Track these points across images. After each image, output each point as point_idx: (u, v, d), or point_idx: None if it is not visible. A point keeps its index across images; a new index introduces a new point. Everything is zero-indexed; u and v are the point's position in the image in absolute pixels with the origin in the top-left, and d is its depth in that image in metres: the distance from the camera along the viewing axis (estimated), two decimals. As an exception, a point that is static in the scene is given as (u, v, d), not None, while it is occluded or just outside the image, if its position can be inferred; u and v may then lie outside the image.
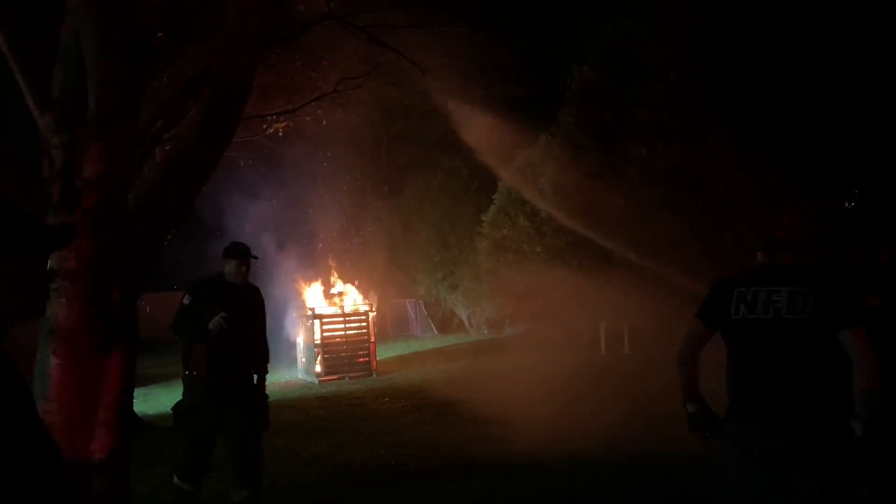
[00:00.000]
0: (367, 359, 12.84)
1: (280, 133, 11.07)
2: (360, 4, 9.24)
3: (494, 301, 16.78)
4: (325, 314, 13.01)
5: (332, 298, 14.23)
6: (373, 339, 13.00)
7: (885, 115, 8.28)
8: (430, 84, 12.20)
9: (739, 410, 3.12)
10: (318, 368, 12.43)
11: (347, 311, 13.30)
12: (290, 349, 13.44)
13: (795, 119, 8.70)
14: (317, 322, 12.66)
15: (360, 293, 14.72)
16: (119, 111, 3.64)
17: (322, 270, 15.72)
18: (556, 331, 12.56)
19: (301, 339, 13.30)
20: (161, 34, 4.86)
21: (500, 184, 15.87)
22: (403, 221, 20.40)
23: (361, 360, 12.79)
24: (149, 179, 4.14)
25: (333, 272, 15.36)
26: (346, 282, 15.01)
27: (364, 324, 13.02)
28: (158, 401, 10.95)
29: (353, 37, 9.47)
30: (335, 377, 12.34)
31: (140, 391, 10.49)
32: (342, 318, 13.03)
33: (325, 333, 12.64)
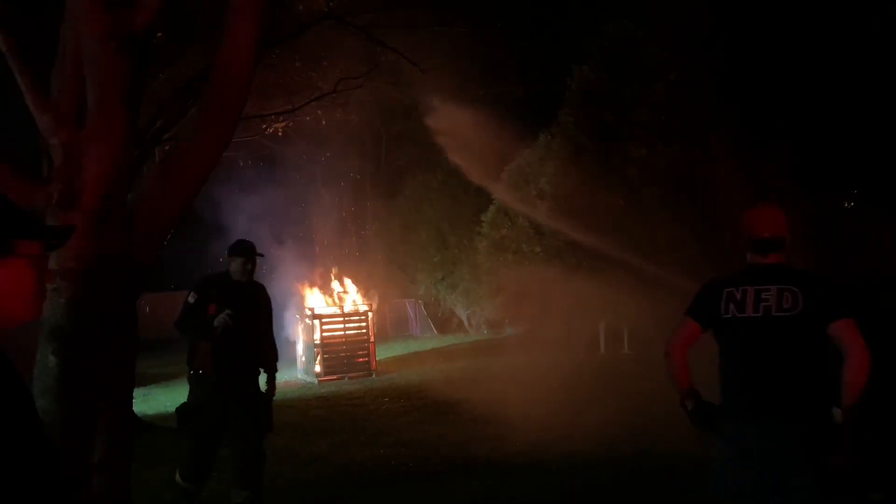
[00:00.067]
0: (367, 359, 12.83)
1: (280, 133, 11.07)
2: (360, 4, 9.24)
3: (494, 301, 16.75)
4: (325, 314, 13.00)
5: (332, 298, 14.22)
6: (372, 339, 13.00)
7: (885, 115, 8.27)
8: (419, 86, 12.16)
9: (733, 409, 3.14)
10: (318, 368, 12.43)
11: (347, 311, 13.30)
12: (290, 349, 13.43)
13: (795, 119, 8.69)
14: (316, 322, 12.66)
15: (360, 292, 14.70)
16: (118, 111, 3.63)
17: (322, 270, 15.71)
18: (556, 331, 12.54)
19: (300, 339, 13.29)
20: (161, 34, 4.86)
21: (500, 184, 15.83)
22: (403, 221, 20.38)
23: (361, 360, 12.78)
24: (148, 179, 4.13)
25: (333, 272, 15.35)
26: (346, 281, 14.99)
27: (364, 324, 13.01)
28: (158, 401, 10.95)
29: (353, 37, 9.46)
30: (334, 377, 12.33)
31: (140, 391, 10.48)
32: (342, 318, 13.03)
33: (325, 333, 12.63)
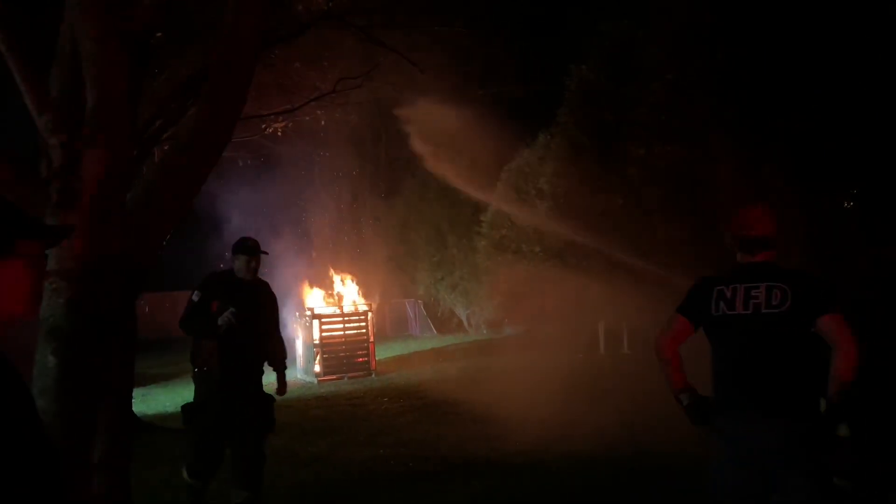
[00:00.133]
0: (366, 359, 12.83)
1: (279, 133, 11.04)
2: (360, 4, 9.22)
3: (493, 301, 16.76)
4: (324, 314, 13.00)
5: (331, 298, 14.22)
6: (372, 339, 12.99)
7: (885, 116, 8.26)
8: (418, 86, 12.10)
9: (725, 405, 3.17)
10: (317, 368, 12.42)
11: (346, 311, 13.30)
12: (290, 348, 13.40)
13: (795, 119, 8.68)
14: (315, 322, 12.65)
15: (360, 292, 14.70)
16: (117, 111, 3.63)
17: (321, 270, 15.71)
18: (555, 330, 12.55)
19: (300, 339, 13.29)
20: (160, 34, 4.85)
21: (500, 184, 15.83)
22: (402, 221, 20.38)
23: (360, 360, 12.78)
24: (147, 179, 4.12)
25: (332, 272, 15.35)
26: (346, 281, 15.00)
27: (363, 324, 13.01)
28: (158, 401, 10.95)
29: (353, 36, 9.45)
30: (334, 377, 12.33)
31: (139, 391, 10.47)
32: (341, 318, 13.02)
33: (324, 333, 12.63)
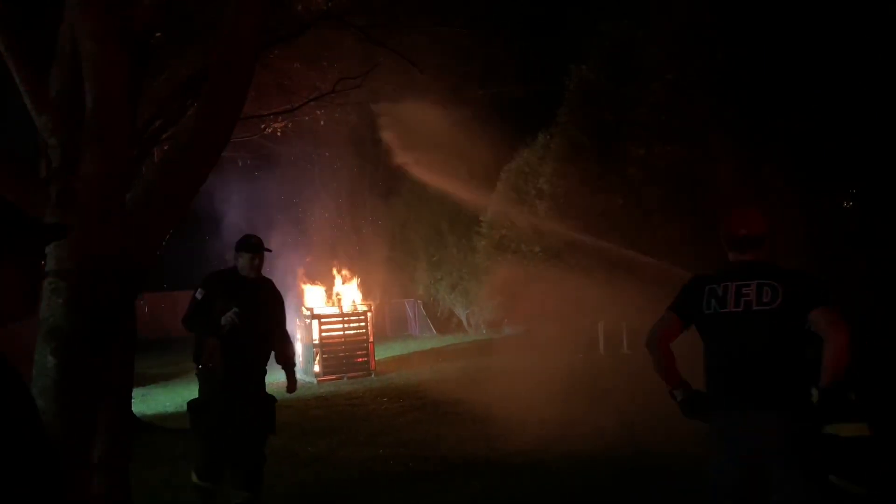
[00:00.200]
0: (366, 359, 12.83)
1: (278, 133, 11.04)
2: (359, 3, 9.22)
3: (493, 301, 16.76)
4: (324, 314, 12.99)
5: (331, 298, 14.21)
6: (371, 339, 12.99)
7: (885, 116, 8.26)
8: (418, 86, 12.08)
9: (718, 400, 3.20)
10: (317, 368, 12.42)
11: (346, 311, 13.29)
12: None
13: (795, 119, 8.69)
14: (315, 322, 12.64)
15: (360, 291, 14.69)
16: (117, 111, 3.62)
17: (320, 270, 15.70)
18: (555, 331, 12.55)
19: (299, 339, 13.28)
20: (160, 34, 4.84)
21: (499, 184, 15.83)
22: (402, 220, 20.38)
23: (360, 360, 12.78)
24: (147, 179, 4.12)
25: (332, 272, 15.34)
26: (346, 281, 14.98)
27: (363, 324, 13.00)
28: (157, 401, 10.95)
29: (353, 36, 9.44)
30: (334, 377, 12.33)
31: (139, 391, 10.47)
32: (341, 318, 13.02)
33: (324, 333, 12.63)
